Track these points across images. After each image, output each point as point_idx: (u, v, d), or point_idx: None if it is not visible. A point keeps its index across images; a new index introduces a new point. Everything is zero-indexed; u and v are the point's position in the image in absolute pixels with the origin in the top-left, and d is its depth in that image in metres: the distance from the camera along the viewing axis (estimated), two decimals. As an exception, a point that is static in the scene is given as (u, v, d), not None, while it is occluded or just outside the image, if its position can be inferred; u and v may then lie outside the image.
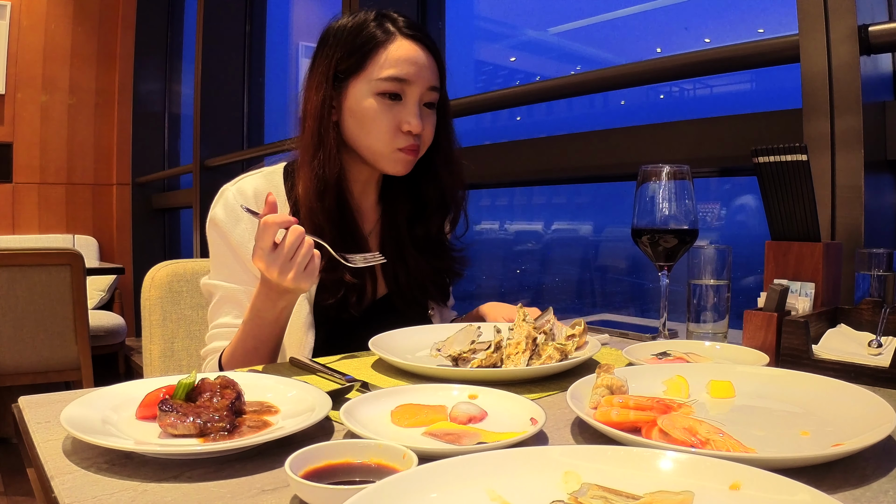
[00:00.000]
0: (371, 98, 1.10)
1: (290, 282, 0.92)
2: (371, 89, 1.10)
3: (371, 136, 1.12)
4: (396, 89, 1.10)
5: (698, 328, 1.11)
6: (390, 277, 1.21)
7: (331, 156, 1.12)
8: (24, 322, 2.71)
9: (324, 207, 1.12)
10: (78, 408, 0.66)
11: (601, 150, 1.69)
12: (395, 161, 1.13)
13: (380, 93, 1.10)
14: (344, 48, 1.12)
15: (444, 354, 0.94)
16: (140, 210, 5.02)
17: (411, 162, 1.14)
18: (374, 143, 1.12)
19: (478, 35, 3.67)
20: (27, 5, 4.79)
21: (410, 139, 1.11)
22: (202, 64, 3.88)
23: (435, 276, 1.25)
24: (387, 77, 1.09)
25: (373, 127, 1.11)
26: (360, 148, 1.14)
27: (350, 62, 1.12)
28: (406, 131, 1.11)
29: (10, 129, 4.77)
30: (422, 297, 1.23)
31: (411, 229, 1.24)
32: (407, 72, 1.10)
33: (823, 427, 0.65)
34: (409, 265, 1.22)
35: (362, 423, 0.63)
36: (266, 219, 0.91)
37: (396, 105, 1.11)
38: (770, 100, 1.40)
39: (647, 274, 2.85)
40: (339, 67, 1.13)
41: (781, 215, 1.04)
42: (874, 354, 0.90)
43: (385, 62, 1.10)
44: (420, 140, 1.14)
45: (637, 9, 2.83)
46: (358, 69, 1.11)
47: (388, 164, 1.14)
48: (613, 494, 0.46)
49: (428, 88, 1.13)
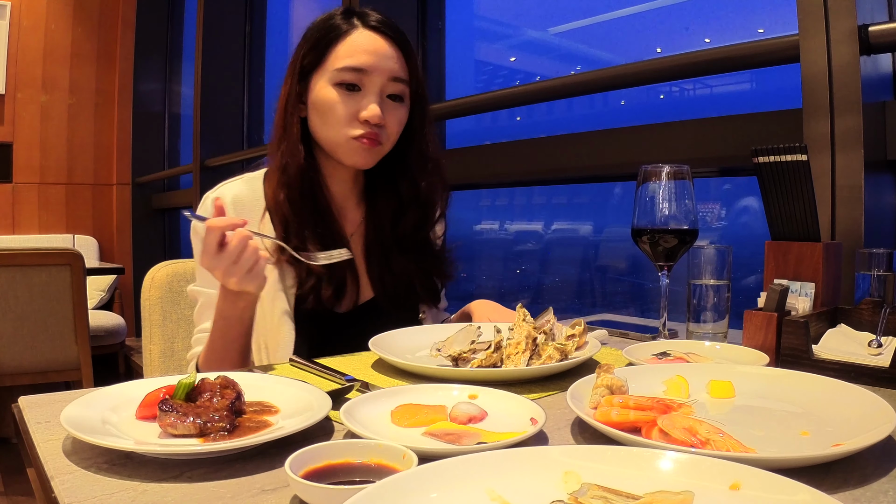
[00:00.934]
0: (330, 88, 1.10)
1: (235, 284, 0.93)
2: (330, 80, 1.10)
3: (329, 126, 1.11)
4: (354, 79, 1.09)
5: (698, 328, 1.11)
6: (376, 279, 1.20)
7: (293, 146, 1.13)
8: (24, 322, 2.71)
9: (288, 198, 1.12)
10: (78, 408, 0.66)
11: (601, 150, 1.69)
12: (353, 151, 1.11)
13: (337, 83, 1.09)
14: (309, 42, 1.13)
15: (444, 354, 0.94)
16: (140, 210, 5.02)
17: (372, 151, 1.12)
18: (332, 134, 1.11)
19: (478, 35, 3.67)
20: (27, 5, 4.79)
21: (367, 128, 1.09)
22: (202, 64, 3.88)
23: (423, 278, 1.23)
24: (343, 67, 1.09)
25: (330, 116, 1.10)
26: (322, 140, 1.14)
27: (313, 55, 1.12)
28: (363, 120, 1.09)
29: (10, 129, 4.77)
30: (410, 299, 1.22)
31: (394, 229, 1.22)
32: (364, 61, 1.09)
33: (823, 427, 0.65)
34: (394, 267, 1.20)
35: (362, 423, 0.63)
36: (210, 222, 0.91)
37: (355, 95, 1.10)
38: (770, 100, 1.40)
39: (647, 274, 2.85)
40: (304, 62, 1.13)
41: (781, 215, 1.04)
42: (874, 354, 0.90)
43: (343, 52, 1.10)
44: (383, 131, 1.11)
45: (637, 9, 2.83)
46: (319, 62, 1.12)
47: (347, 155, 1.12)
48: (613, 494, 0.46)
49: (390, 79, 1.11)
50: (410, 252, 1.22)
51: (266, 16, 4.05)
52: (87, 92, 5.06)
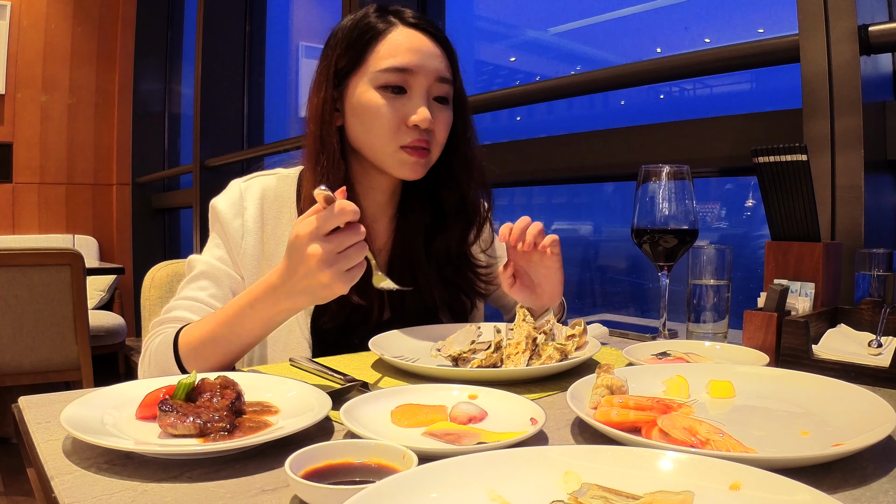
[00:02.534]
0: (373, 92, 1.01)
1: (327, 276, 0.77)
2: (372, 82, 1.01)
3: (374, 133, 1.02)
4: (399, 81, 1.01)
5: (698, 328, 1.11)
6: (395, 300, 1.11)
7: (334, 161, 1.03)
8: (24, 322, 2.71)
9: None
10: (78, 408, 0.66)
11: (601, 150, 1.69)
12: (402, 162, 1.03)
13: (381, 86, 1.01)
14: (343, 44, 1.04)
15: (444, 354, 0.94)
16: (140, 210, 5.02)
17: (421, 164, 1.04)
18: (378, 142, 1.02)
19: (478, 35, 3.67)
20: (27, 5, 4.79)
21: (417, 134, 1.01)
22: (202, 64, 3.88)
23: (450, 297, 1.15)
24: (387, 68, 1.00)
25: (375, 123, 1.01)
26: (365, 149, 1.05)
27: (349, 57, 1.03)
28: (412, 126, 1.01)
29: (10, 129, 4.77)
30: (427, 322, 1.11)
31: (429, 244, 1.13)
32: (409, 60, 1.01)
33: (823, 427, 0.65)
34: (420, 283, 1.11)
35: (362, 423, 0.63)
36: (343, 203, 0.77)
37: (401, 98, 1.01)
38: (770, 100, 1.40)
39: (647, 274, 2.85)
40: (338, 65, 1.05)
41: (781, 215, 1.04)
42: (874, 354, 0.90)
43: (385, 52, 1.01)
44: (431, 137, 1.03)
45: (637, 9, 2.83)
46: (357, 64, 1.03)
47: (395, 167, 1.04)
48: (613, 494, 0.46)
49: (437, 80, 1.03)
50: (447, 266, 1.14)
51: (266, 16, 4.05)
52: (87, 92, 5.06)
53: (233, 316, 0.87)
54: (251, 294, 0.86)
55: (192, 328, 0.92)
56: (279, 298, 0.83)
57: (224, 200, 1.10)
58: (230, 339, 0.88)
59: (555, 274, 1.05)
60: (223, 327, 0.88)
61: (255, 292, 0.85)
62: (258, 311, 0.85)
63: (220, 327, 0.88)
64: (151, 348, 0.96)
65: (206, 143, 3.89)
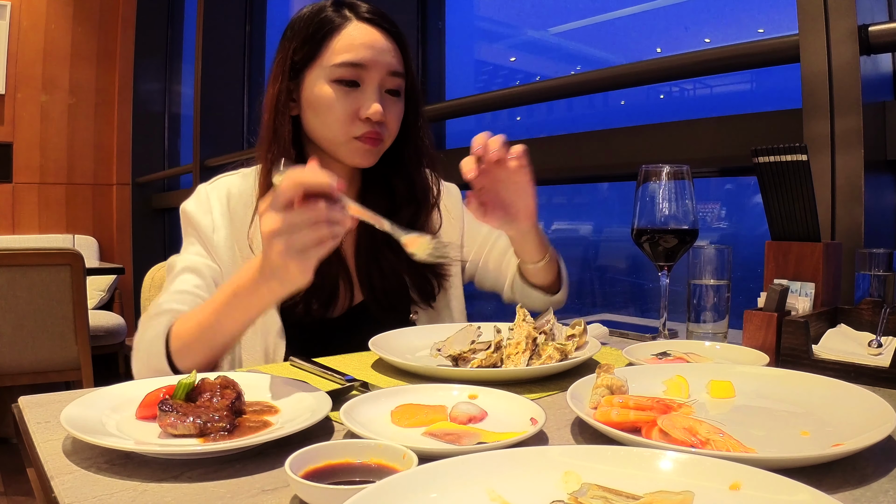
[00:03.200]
0: (327, 85, 1.05)
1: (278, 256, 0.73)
2: (326, 76, 1.05)
3: (328, 125, 1.07)
4: (353, 75, 1.05)
5: (698, 328, 1.11)
6: (365, 281, 1.16)
7: (285, 149, 1.07)
8: (24, 322, 2.71)
9: None
10: (78, 408, 0.66)
11: (601, 150, 1.69)
12: (354, 151, 1.07)
13: (335, 80, 1.05)
14: (299, 37, 1.08)
15: (444, 354, 0.94)
16: (140, 210, 5.02)
17: (373, 151, 1.09)
18: (332, 133, 1.07)
19: (478, 35, 3.67)
20: (27, 5, 4.79)
21: (369, 126, 1.06)
22: (202, 64, 3.88)
23: (416, 277, 1.19)
24: (342, 62, 1.04)
25: (329, 115, 1.06)
26: (320, 140, 1.10)
27: (305, 50, 1.07)
28: (364, 118, 1.05)
29: (10, 129, 4.77)
30: (401, 301, 1.17)
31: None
32: (363, 56, 1.05)
33: (823, 427, 0.65)
34: (384, 267, 1.16)
35: (362, 423, 0.63)
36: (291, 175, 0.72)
37: (354, 91, 1.05)
38: (770, 100, 1.40)
39: (647, 274, 2.85)
40: (294, 57, 1.08)
41: (781, 215, 1.04)
42: (874, 354, 0.90)
43: (340, 47, 1.05)
44: (383, 129, 1.08)
45: (637, 9, 2.83)
46: (313, 57, 1.07)
47: (348, 155, 1.08)
48: (613, 494, 0.46)
49: (389, 73, 1.07)
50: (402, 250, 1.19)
51: (266, 16, 4.05)
52: (87, 92, 5.06)
53: (219, 305, 0.87)
54: (234, 282, 0.86)
55: (183, 320, 0.92)
56: (257, 284, 0.81)
57: (192, 202, 1.14)
58: (216, 330, 0.88)
59: (525, 188, 1.04)
60: (211, 317, 0.88)
61: (238, 279, 0.85)
62: (241, 298, 0.84)
63: (208, 317, 0.88)
64: (145, 340, 0.96)
65: (206, 143, 3.89)
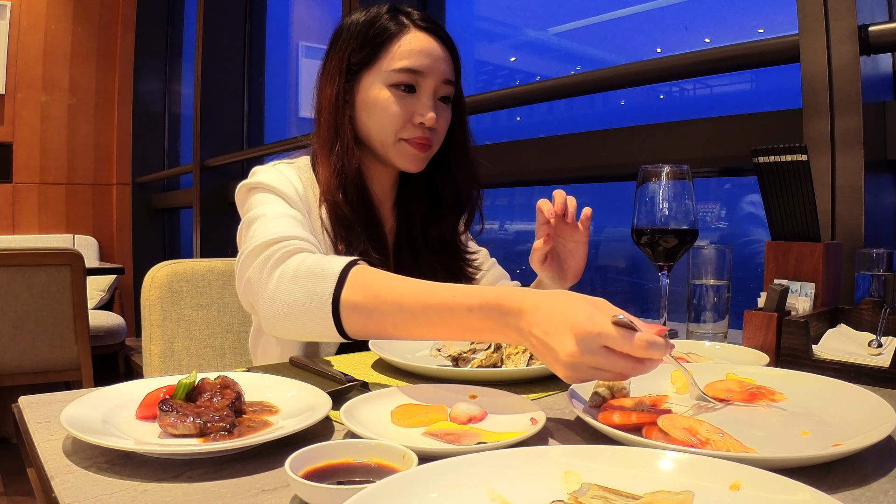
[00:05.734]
0: (384, 90, 1.09)
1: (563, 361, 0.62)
2: (384, 81, 1.09)
3: (382, 127, 1.10)
4: (410, 81, 1.09)
5: (698, 328, 1.11)
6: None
7: (348, 148, 1.11)
8: (24, 322, 2.71)
9: (347, 201, 1.10)
10: (78, 408, 0.66)
11: (601, 150, 1.69)
12: (404, 154, 1.11)
13: (393, 84, 1.09)
14: (357, 41, 1.11)
15: (444, 354, 0.94)
16: (140, 210, 5.02)
17: (422, 157, 1.12)
18: (384, 135, 1.10)
19: (478, 35, 3.67)
20: (27, 5, 4.79)
21: (421, 131, 1.10)
22: (202, 64, 3.88)
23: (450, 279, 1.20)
24: (400, 68, 1.08)
25: (384, 118, 1.09)
26: (373, 141, 1.13)
27: (363, 54, 1.11)
28: (418, 123, 1.09)
29: (10, 129, 4.77)
30: None
31: (425, 231, 1.22)
32: (421, 63, 1.09)
33: (823, 427, 0.65)
34: (424, 268, 1.19)
35: (362, 423, 0.63)
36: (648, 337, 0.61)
37: (410, 97, 1.10)
38: (770, 100, 1.40)
39: (647, 274, 2.85)
40: (351, 60, 1.12)
41: (781, 215, 1.04)
42: (874, 354, 0.90)
43: (398, 53, 1.09)
44: (434, 134, 1.12)
45: (637, 9, 2.83)
46: (371, 61, 1.10)
47: (398, 157, 1.12)
48: (613, 494, 0.46)
49: (443, 81, 1.11)
50: (441, 253, 1.22)
51: (266, 16, 4.05)
52: (87, 92, 5.06)
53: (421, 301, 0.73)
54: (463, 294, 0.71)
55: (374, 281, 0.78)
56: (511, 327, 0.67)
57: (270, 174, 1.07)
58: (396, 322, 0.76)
59: (582, 248, 1.12)
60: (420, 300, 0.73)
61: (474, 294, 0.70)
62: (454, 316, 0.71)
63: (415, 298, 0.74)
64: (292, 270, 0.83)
65: (206, 143, 3.89)
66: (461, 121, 1.19)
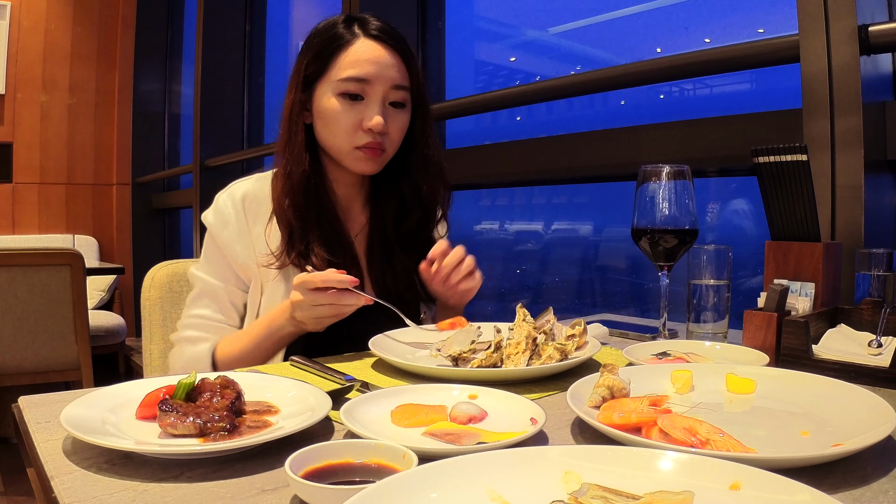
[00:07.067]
0: (333, 98, 1.13)
1: (302, 317, 1.01)
2: (333, 90, 1.13)
3: (334, 135, 1.14)
4: (357, 89, 1.12)
5: (698, 328, 1.11)
6: (378, 279, 1.22)
7: (297, 155, 1.16)
8: (24, 322, 2.71)
9: (292, 204, 1.14)
10: (78, 408, 0.66)
11: (601, 150, 1.69)
12: (358, 159, 1.15)
13: (341, 93, 1.12)
14: (312, 51, 1.15)
15: (444, 354, 0.94)
16: (140, 210, 5.02)
17: (374, 160, 1.15)
18: (338, 142, 1.14)
19: (478, 35, 3.67)
20: (27, 5, 4.79)
21: (370, 137, 1.13)
22: (202, 64, 3.88)
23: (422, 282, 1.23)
24: (346, 77, 1.12)
25: (335, 126, 1.13)
26: (329, 148, 1.17)
27: (317, 65, 1.15)
28: (366, 129, 1.12)
29: (10, 129, 4.77)
30: (412, 299, 1.22)
31: (398, 228, 1.25)
32: (367, 71, 1.12)
33: (823, 427, 0.65)
34: (396, 266, 1.22)
35: (362, 423, 0.63)
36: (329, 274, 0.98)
37: (358, 104, 1.13)
38: (770, 100, 1.40)
39: (647, 274, 2.85)
40: (307, 71, 1.16)
41: (781, 215, 1.04)
42: (874, 354, 0.90)
43: (345, 63, 1.12)
44: (386, 139, 1.15)
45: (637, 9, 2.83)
46: (323, 71, 1.14)
47: (352, 163, 1.16)
48: (613, 494, 0.46)
49: (392, 87, 1.14)
50: (413, 252, 1.23)
51: (266, 16, 4.05)
52: (87, 92, 5.06)
53: (255, 335, 1.10)
54: (269, 317, 1.09)
55: (225, 345, 1.13)
56: (286, 323, 1.05)
57: (212, 214, 1.21)
58: (255, 354, 1.10)
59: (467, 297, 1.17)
60: (250, 343, 1.10)
61: (271, 316, 1.08)
62: (273, 330, 1.08)
63: (248, 344, 1.10)
64: (183, 360, 1.16)
65: (206, 143, 3.89)
66: (422, 123, 1.21)
